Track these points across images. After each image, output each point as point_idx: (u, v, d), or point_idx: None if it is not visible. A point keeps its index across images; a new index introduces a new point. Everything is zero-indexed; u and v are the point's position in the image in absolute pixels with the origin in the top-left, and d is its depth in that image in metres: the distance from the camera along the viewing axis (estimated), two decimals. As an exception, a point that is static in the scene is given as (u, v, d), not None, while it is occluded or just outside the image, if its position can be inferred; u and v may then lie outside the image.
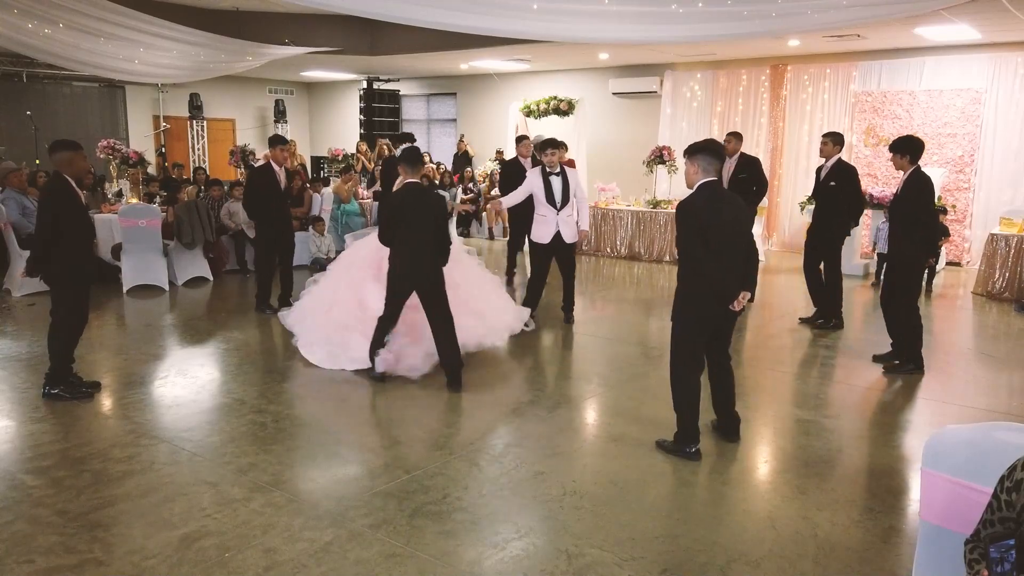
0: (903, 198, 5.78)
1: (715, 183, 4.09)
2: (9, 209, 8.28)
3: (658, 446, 4.33)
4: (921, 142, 5.82)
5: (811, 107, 12.25)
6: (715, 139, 4.37)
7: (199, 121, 16.15)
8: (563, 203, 6.83)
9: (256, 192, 7.45)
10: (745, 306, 4.15)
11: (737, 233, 4.05)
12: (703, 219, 3.96)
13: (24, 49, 10.37)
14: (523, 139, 9.13)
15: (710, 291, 4.01)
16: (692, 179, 4.13)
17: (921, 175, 5.70)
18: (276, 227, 7.42)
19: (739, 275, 4.06)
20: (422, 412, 4.97)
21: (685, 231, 4.04)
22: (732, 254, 4.02)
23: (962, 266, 10.90)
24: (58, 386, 5.04)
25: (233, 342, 6.60)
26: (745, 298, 4.08)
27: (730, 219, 4.02)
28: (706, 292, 4.02)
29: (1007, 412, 5.09)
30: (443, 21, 8.20)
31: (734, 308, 4.05)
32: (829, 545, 3.31)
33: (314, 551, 3.19)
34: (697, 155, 4.10)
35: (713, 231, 3.95)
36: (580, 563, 3.12)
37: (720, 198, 4.06)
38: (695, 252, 3.98)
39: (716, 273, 3.97)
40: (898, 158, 5.75)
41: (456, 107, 16.82)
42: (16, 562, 3.08)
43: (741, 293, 4.05)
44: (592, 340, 7.03)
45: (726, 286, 4.01)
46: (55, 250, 4.86)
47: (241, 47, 11.32)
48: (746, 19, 7.33)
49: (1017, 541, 1.89)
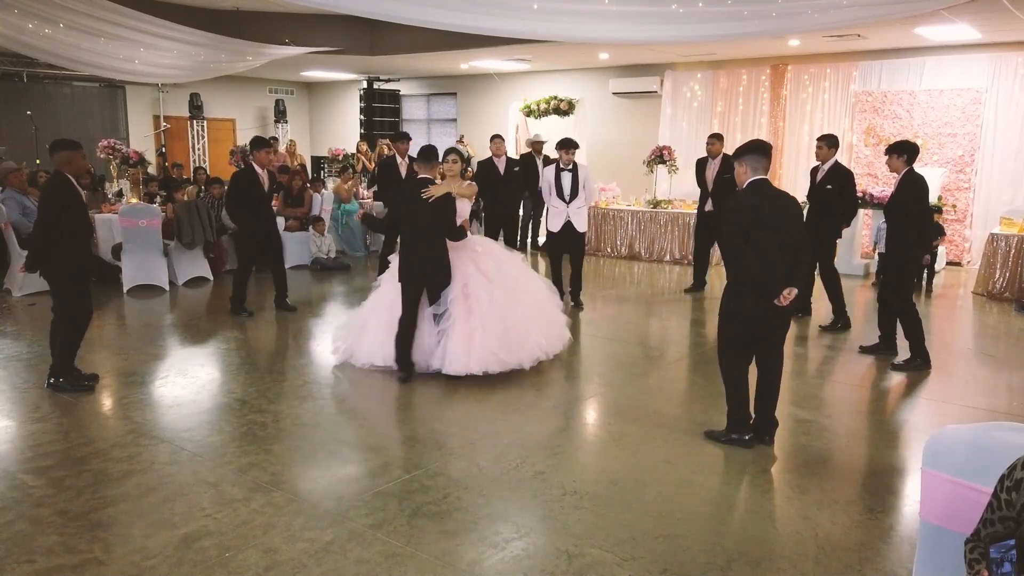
0: (897, 198, 5.94)
1: (763, 181, 4.18)
2: (9, 209, 8.28)
3: (707, 436, 4.45)
4: (916, 146, 5.97)
5: (811, 107, 12.25)
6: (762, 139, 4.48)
7: (199, 121, 16.15)
8: (572, 196, 7.66)
9: (237, 195, 7.44)
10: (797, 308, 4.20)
11: (784, 231, 4.10)
12: (749, 216, 4.07)
13: (24, 49, 10.37)
14: (496, 138, 9.19)
15: (753, 287, 4.09)
16: (742, 179, 4.24)
17: (914, 175, 5.85)
18: (259, 229, 7.41)
19: (784, 272, 4.07)
20: (422, 412, 4.97)
21: (730, 227, 4.18)
22: (778, 250, 4.07)
23: (962, 266, 10.89)
24: (60, 377, 5.10)
25: (233, 342, 6.60)
26: (792, 294, 4.08)
27: (777, 216, 4.09)
28: (750, 288, 4.11)
29: (1007, 412, 5.09)
30: (443, 21, 8.20)
31: (780, 303, 4.07)
32: (829, 545, 3.31)
33: (314, 551, 3.19)
34: (744, 156, 4.21)
35: (758, 228, 4.03)
36: (580, 563, 3.12)
37: (768, 196, 4.15)
38: (740, 249, 4.09)
39: (760, 269, 4.04)
40: (893, 159, 5.91)
41: (456, 107, 16.82)
42: (16, 562, 3.08)
43: (787, 289, 4.06)
44: (592, 340, 7.03)
45: (770, 282, 4.05)
46: (55, 249, 4.89)
47: (241, 47, 11.32)
48: (746, 19, 7.33)
49: (1017, 541, 1.89)
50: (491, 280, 5.55)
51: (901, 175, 5.86)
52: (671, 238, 11.28)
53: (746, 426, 4.33)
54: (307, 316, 7.61)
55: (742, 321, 4.22)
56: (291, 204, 10.50)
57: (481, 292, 5.48)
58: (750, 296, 4.13)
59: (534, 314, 5.77)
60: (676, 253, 11.19)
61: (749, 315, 4.18)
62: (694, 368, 6.12)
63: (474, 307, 5.45)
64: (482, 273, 5.56)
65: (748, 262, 4.07)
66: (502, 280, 5.60)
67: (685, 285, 8.94)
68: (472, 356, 5.33)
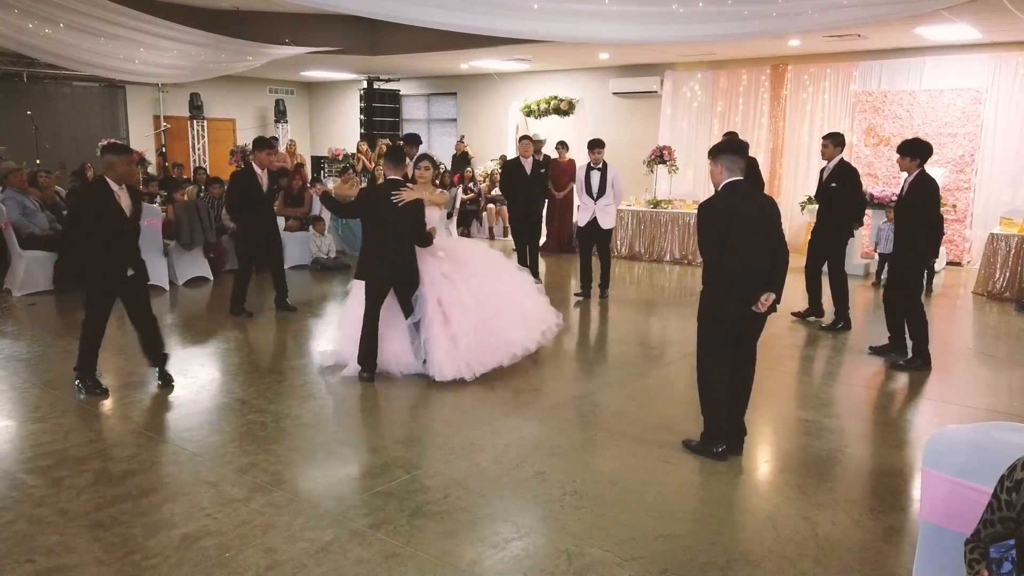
0: (908, 200, 5.83)
1: (740, 183, 4.04)
2: (9, 209, 8.28)
3: (685, 446, 4.32)
4: (929, 145, 5.86)
5: (811, 107, 12.25)
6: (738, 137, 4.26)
7: (199, 121, 16.15)
8: (600, 194, 8.20)
9: (236, 195, 7.44)
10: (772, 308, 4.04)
11: (762, 233, 3.98)
12: (725, 219, 3.92)
13: (25, 49, 10.37)
14: (524, 139, 9.35)
15: (731, 292, 3.98)
16: (717, 180, 4.10)
17: (926, 178, 5.77)
18: (259, 230, 7.39)
19: (763, 276, 3.98)
20: (422, 412, 4.97)
21: (706, 231, 4.01)
22: (756, 254, 3.96)
23: (962, 266, 10.89)
24: (80, 378, 5.14)
25: (233, 342, 6.60)
26: (769, 299, 3.99)
27: (754, 219, 3.96)
28: (728, 293, 3.99)
29: (1007, 412, 5.09)
30: (443, 21, 8.19)
31: (757, 309, 3.99)
32: (829, 545, 3.31)
33: (314, 551, 3.19)
34: (720, 156, 4.07)
35: (735, 231, 3.91)
36: (580, 563, 3.12)
37: (744, 198, 4.00)
38: (715, 252, 3.96)
39: (738, 273, 3.93)
40: (907, 160, 5.79)
41: (456, 107, 16.82)
42: (16, 562, 3.08)
43: (764, 294, 3.97)
44: (592, 340, 7.03)
45: (748, 287, 3.96)
46: (73, 250, 4.88)
47: (241, 47, 11.32)
48: (746, 19, 7.32)
49: (1017, 541, 1.89)
50: (456, 284, 5.57)
51: (912, 176, 5.78)
52: (671, 238, 11.28)
53: (722, 437, 4.18)
54: (307, 316, 7.61)
55: (724, 324, 4.06)
56: (291, 204, 10.50)
57: (452, 298, 5.51)
58: (729, 299, 3.99)
59: (504, 311, 5.75)
60: (676, 253, 11.19)
61: (732, 317, 4.04)
62: (694, 368, 6.10)
63: (450, 313, 5.49)
64: (447, 278, 5.58)
65: (726, 265, 3.94)
66: (465, 282, 5.61)
67: (687, 286, 8.96)
68: (458, 361, 5.40)
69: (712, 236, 3.97)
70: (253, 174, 7.30)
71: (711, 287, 4.09)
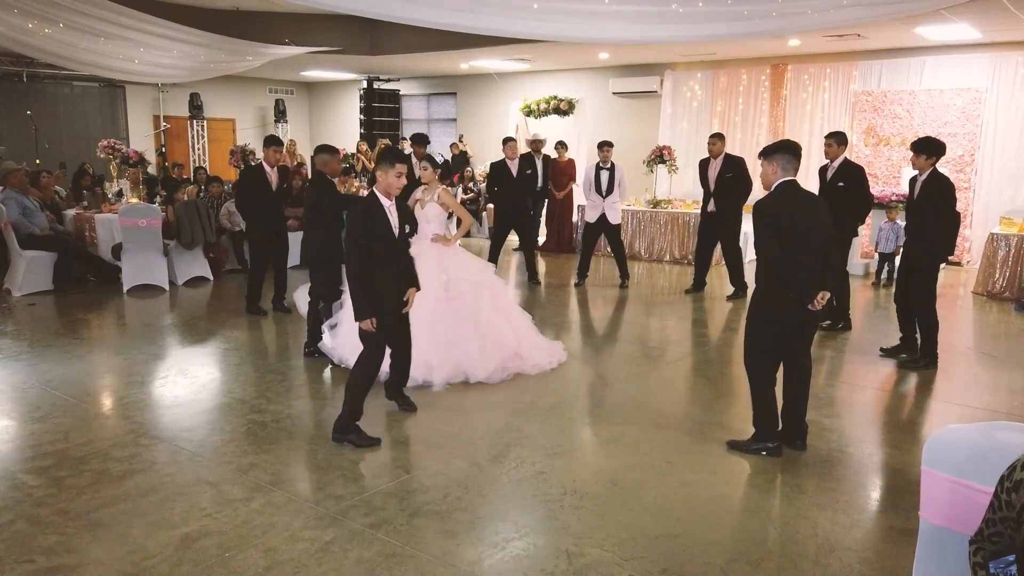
0: (924, 199, 5.77)
1: (793, 183, 4.07)
2: (9, 209, 8.28)
3: (731, 447, 4.32)
4: (943, 144, 5.82)
5: (811, 107, 12.25)
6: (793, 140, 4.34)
7: (199, 121, 16.14)
8: (608, 192, 8.85)
9: (245, 192, 7.45)
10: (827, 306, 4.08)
11: (816, 233, 4.01)
12: (780, 218, 3.96)
13: (24, 49, 10.36)
14: (510, 140, 9.71)
15: (788, 291, 4.01)
16: (770, 179, 4.11)
17: (941, 177, 5.73)
18: (268, 228, 7.39)
19: (817, 275, 4.01)
20: (422, 412, 4.96)
21: (761, 230, 4.04)
22: (810, 254, 4.00)
23: (962, 266, 10.89)
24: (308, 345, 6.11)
25: (233, 342, 6.60)
26: (825, 298, 4.03)
27: (808, 218, 4.00)
28: (783, 292, 4.01)
29: (1008, 412, 5.09)
30: (443, 21, 8.19)
31: (813, 308, 4.02)
32: (829, 545, 3.31)
33: (314, 551, 3.19)
34: (775, 155, 4.09)
35: (790, 230, 3.94)
36: (580, 563, 3.12)
37: (798, 197, 4.04)
38: (772, 252, 3.99)
39: (794, 273, 3.96)
40: (921, 159, 5.76)
41: (456, 107, 16.81)
42: (16, 562, 3.08)
43: (820, 293, 4.00)
44: (592, 339, 7.03)
45: (804, 286, 3.98)
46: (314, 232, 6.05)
47: (241, 47, 11.31)
48: (746, 19, 7.32)
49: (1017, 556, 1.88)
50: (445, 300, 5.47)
51: (926, 175, 5.75)
52: (671, 238, 11.28)
53: (775, 434, 4.22)
54: (307, 316, 7.59)
55: (778, 325, 4.10)
56: (291, 204, 10.48)
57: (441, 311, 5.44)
58: (785, 299, 4.03)
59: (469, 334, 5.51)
60: (676, 253, 11.19)
61: (785, 318, 4.07)
62: (694, 368, 6.12)
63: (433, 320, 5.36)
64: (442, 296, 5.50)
65: (782, 265, 3.97)
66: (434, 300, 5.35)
67: (685, 286, 8.95)
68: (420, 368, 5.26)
69: (768, 236, 4.00)
70: (263, 172, 7.31)
71: (768, 285, 4.11)
